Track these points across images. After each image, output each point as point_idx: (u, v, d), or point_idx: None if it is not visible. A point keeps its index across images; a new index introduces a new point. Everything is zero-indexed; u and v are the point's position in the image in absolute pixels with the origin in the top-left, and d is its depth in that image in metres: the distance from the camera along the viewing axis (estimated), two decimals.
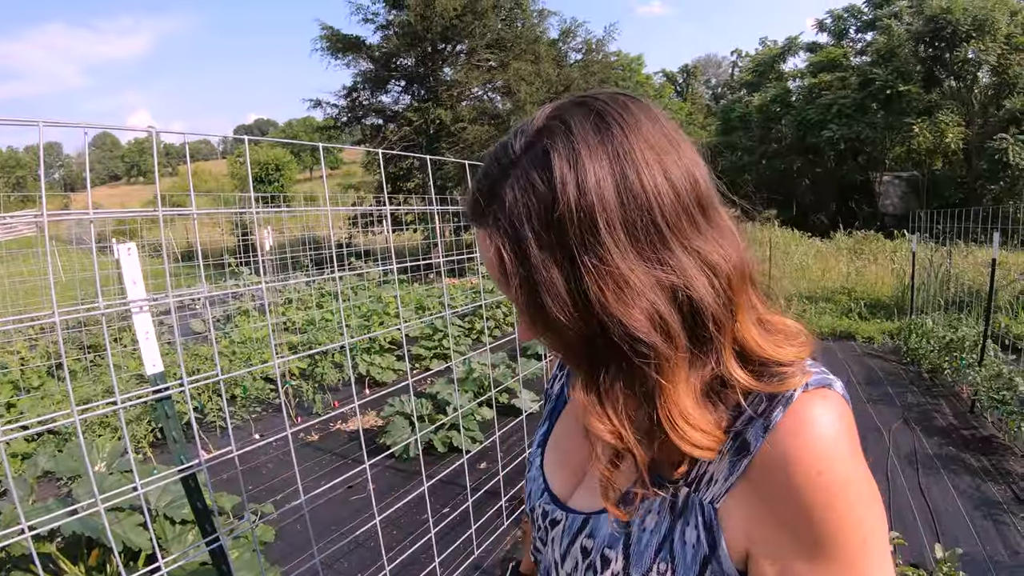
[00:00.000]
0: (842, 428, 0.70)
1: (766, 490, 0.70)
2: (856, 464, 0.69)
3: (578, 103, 0.74)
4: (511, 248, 0.72)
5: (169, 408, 1.70)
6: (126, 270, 1.65)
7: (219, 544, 1.76)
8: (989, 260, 6.67)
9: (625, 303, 0.68)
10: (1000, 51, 21.59)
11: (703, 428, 0.71)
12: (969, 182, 23.26)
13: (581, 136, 0.69)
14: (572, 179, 0.67)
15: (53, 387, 6.94)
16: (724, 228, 0.74)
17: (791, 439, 0.68)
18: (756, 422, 0.71)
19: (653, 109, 0.75)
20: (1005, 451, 5.11)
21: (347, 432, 6.11)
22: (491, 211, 0.74)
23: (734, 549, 0.72)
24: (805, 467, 0.67)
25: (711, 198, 0.74)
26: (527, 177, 0.70)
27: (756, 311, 0.77)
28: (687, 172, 0.71)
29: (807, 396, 0.71)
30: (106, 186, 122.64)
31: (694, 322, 0.70)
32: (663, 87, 54.79)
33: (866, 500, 0.69)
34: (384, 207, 3.07)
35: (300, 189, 63.43)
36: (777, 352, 0.74)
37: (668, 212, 0.69)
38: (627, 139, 0.69)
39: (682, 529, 0.76)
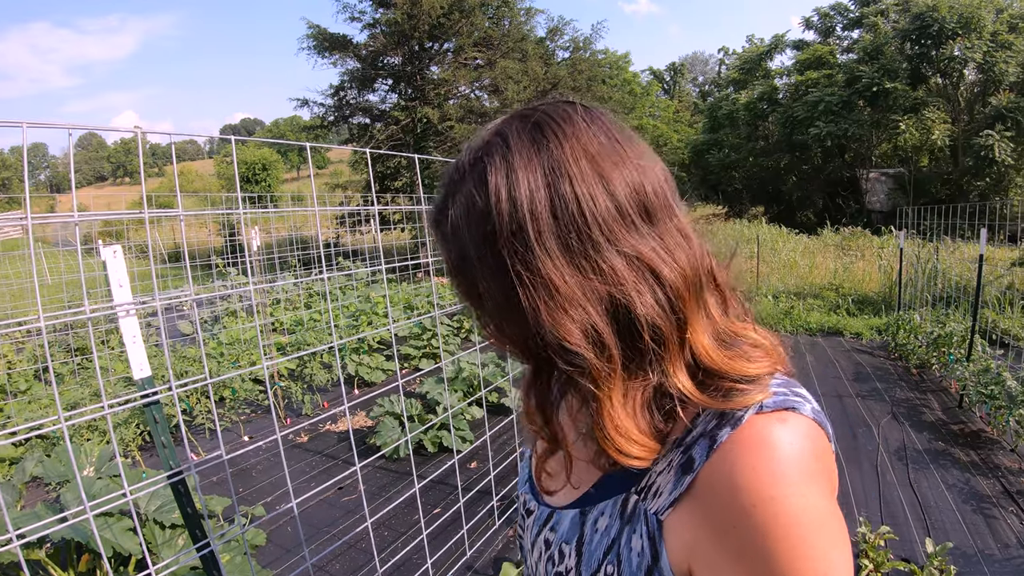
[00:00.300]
0: (798, 453, 0.66)
1: (709, 509, 0.68)
2: (813, 494, 0.65)
3: (520, 116, 0.75)
4: (456, 260, 0.75)
5: (158, 412, 1.68)
6: (112, 273, 1.63)
7: (210, 550, 1.75)
8: (975, 256, 6.71)
9: (557, 314, 0.68)
10: (986, 48, 21.67)
11: (634, 439, 0.71)
12: (955, 178, 23.39)
13: (517, 149, 0.70)
14: (505, 192, 0.68)
15: (40, 391, 6.90)
16: (675, 234, 0.73)
17: (733, 461, 0.66)
18: (703, 439, 0.70)
19: (599, 117, 0.75)
20: (993, 445, 5.14)
21: (336, 433, 6.09)
22: (443, 222, 0.76)
23: (676, 564, 0.71)
24: (747, 493, 0.64)
25: (661, 204, 0.73)
26: (469, 193, 0.72)
27: (714, 322, 0.75)
28: (630, 179, 0.70)
29: (759, 418, 0.68)
30: (92, 187, 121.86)
31: (631, 333, 0.70)
32: (650, 85, 54.84)
33: (823, 535, 0.64)
34: (372, 207, 3.05)
35: (287, 189, 63.32)
36: (733, 366, 0.72)
37: (603, 221, 0.68)
38: (563, 150, 0.69)
39: (629, 535, 0.76)
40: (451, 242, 0.75)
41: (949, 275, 9.01)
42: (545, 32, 23.12)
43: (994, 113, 21.41)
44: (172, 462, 1.68)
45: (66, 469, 3.62)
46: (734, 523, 0.65)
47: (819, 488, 0.65)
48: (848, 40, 30.57)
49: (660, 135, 41.53)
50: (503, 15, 21.40)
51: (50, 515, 2.92)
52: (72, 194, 1.63)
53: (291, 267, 14.83)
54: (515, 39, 20.96)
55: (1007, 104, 20.94)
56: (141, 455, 5.60)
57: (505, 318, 0.74)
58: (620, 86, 39.77)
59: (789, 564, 0.63)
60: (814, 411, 0.70)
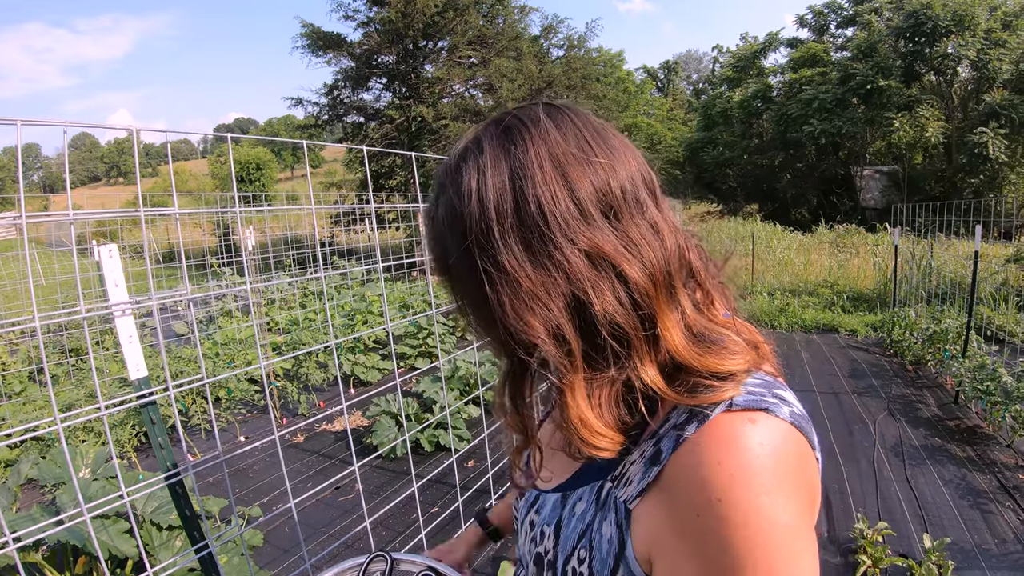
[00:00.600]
0: (760, 457, 0.65)
1: (672, 502, 0.69)
2: (777, 502, 0.63)
3: (496, 120, 0.79)
4: (439, 259, 0.80)
5: (154, 413, 1.67)
6: (108, 273, 1.62)
7: (209, 551, 1.74)
8: (970, 252, 6.72)
9: (521, 309, 0.71)
10: (979, 46, 21.72)
11: (597, 431, 0.73)
12: (949, 176, 23.43)
13: (489, 153, 0.74)
14: (476, 195, 0.72)
15: (35, 392, 6.87)
16: (645, 231, 0.74)
17: (698, 456, 0.67)
18: (672, 433, 0.72)
19: (570, 118, 0.77)
20: (989, 441, 5.15)
21: (333, 433, 6.07)
22: (430, 227, 0.81)
23: (640, 553, 0.73)
24: (707, 490, 0.64)
25: (629, 200, 0.74)
26: (448, 196, 0.76)
27: (688, 318, 0.75)
28: (594, 178, 0.72)
29: (727, 416, 0.68)
30: (86, 187, 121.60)
31: (592, 330, 0.72)
32: (644, 83, 54.80)
33: (781, 546, 0.63)
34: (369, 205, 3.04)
35: (281, 188, 63.27)
36: (703, 362, 0.72)
37: (563, 220, 0.70)
38: (528, 153, 0.72)
39: (600, 522, 0.78)
40: (437, 242, 0.79)
41: (944, 272, 9.03)
42: (539, 30, 23.09)
43: (988, 110, 21.45)
44: (169, 463, 1.67)
45: (62, 471, 3.60)
46: (693, 519, 0.65)
47: (786, 496, 0.64)
48: (842, 38, 30.62)
49: (654, 133, 41.50)
50: (497, 13, 21.38)
51: (46, 517, 2.91)
52: (67, 192, 1.62)
53: (286, 266, 14.80)
54: (509, 37, 20.94)
55: (1001, 101, 20.98)
56: (137, 456, 5.58)
57: (481, 314, 0.77)
58: (614, 84, 39.74)
59: (736, 568, 0.63)
60: (793, 415, 0.70)
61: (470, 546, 1.42)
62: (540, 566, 0.87)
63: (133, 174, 33.93)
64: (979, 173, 21.58)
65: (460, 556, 1.40)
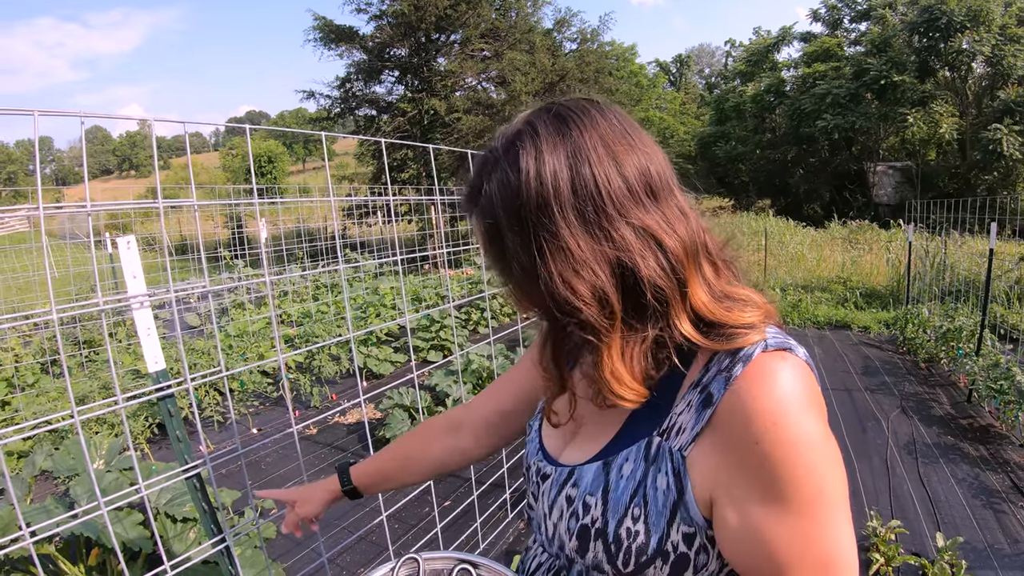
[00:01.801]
0: (798, 385, 0.78)
1: (728, 438, 0.79)
2: (812, 420, 0.76)
3: (546, 109, 0.88)
4: (489, 229, 0.88)
5: (172, 407, 1.67)
6: (126, 264, 1.62)
7: (226, 544, 1.74)
8: (983, 250, 6.69)
9: (569, 275, 0.80)
10: (994, 42, 21.60)
11: (625, 383, 0.84)
12: (963, 172, 23.32)
13: (545, 136, 0.83)
14: (534, 172, 0.81)
15: (48, 384, 6.90)
16: (675, 211, 0.85)
17: (748, 391, 0.77)
18: (720, 376, 0.81)
19: (611, 111, 0.87)
20: (1003, 440, 5.12)
21: (345, 425, 6.08)
22: (476, 197, 0.89)
23: (700, 496, 0.82)
24: (761, 417, 0.75)
25: (664, 184, 0.85)
26: (503, 172, 0.84)
27: (709, 283, 0.86)
28: (637, 163, 0.83)
29: (766, 355, 0.80)
30: (98, 180, 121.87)
31: (636, 292, 0.81)
32: (657, 77, 54.68)
33: (821, 454, 0.76)
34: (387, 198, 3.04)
35: (293, 181, 63.30)
36: (728, 316, 0.83)
37: (616, 196, 0.80)
38: (582, 137, 0.82)
39: (654, 476, 0.85)
40: (486, 214, 0.87)
41: (958, 269, 8.98)
42: (552, 24, 23.03)
43: (1002, 107, 21.35)
44: (188, 456, 1.68)
45: (75, 463, 3.62)
46: (750, 447, 0.76)
47: (817, 414, 0.77)
48: (856, 32, 30.46)
49: (666, 127, 41.37)
50: (510, 6, 21.30)
51: (60, 509, 2.92)
52: (85, 183, 1.62)
53: (298, 259, 14.84)
54: (522, 30, 20.88)
55: (1015, 98, 20.88)
56: (149, 447, 5.61)
57: (529, 279, 0.85)
58: (627, 78, 39.65)
59: (794, 481, 0.75)
60: (804, 354, 0.83)
61: (325, 502, 1.49)
62: (584, 539, 0.91)
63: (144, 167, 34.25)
64: (993, 170, 21.48)
65: (314, 508, 1.48)
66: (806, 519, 0.75)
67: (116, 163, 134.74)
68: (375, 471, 1.48)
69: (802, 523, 0.75)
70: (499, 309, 10.57)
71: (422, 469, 1.46)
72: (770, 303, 0.90)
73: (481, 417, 1.41)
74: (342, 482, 1.47)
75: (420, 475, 1.47)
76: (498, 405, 1.39)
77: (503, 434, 1.41)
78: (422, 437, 1.48)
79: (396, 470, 1.48)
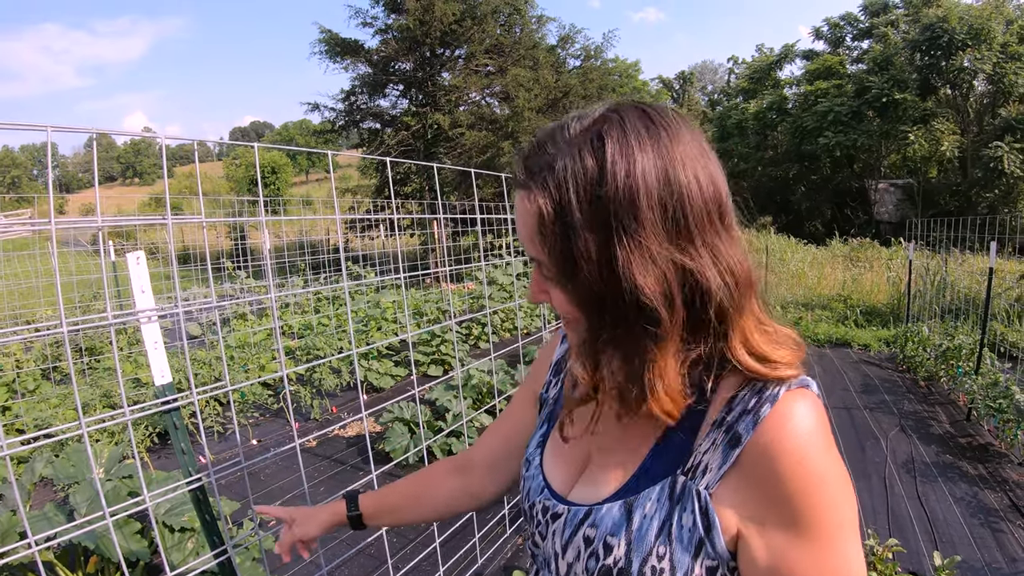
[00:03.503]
0: (818, 423, 0.80)
1: (754, 476, 0.80)
2: (831, 457, 0.79)
3: (633, 106, 0.84)
4: (553, 208, 0.82)
5: (177, 419, 1.70)
6: (135, 279, 1.64)
7: (227, 556, 1.76)
8: (984, 268, 6.70)
9: (644, 273, 0.78)
10: (995, 60, 21.68)
11: (674, 397, 0.83)
12: (964, 190, 23.34)
13: (634, 131, 0.80)
14: (622, 163, 0.78)
15: (49, 390, 6.91)
16: (737, 238, 0.85)
17: (775, 431, 0.79)
18: (747, 416, 0.81)
19: (690, 125, 0.85)
20: (1002, 459, 5.12)
21: (345, 438, 6.09)
22: (540, 174, 0.84)
23: (726, 530, 0.82)
24: (788, 456, 0.77)
25: (730, 209, 0.84)
26: (581, 153, 0.80)
27: (755, 315, 0.86)
28: (713, 180, 0.82)
29: (790, 394, 0.81)
30: (102, 187, 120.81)
31: (699, 305, 0.80)
32: (659, 93, 54.79)
33: (839, 488, 0.79)
34: (390, 213, 3.08)
35: (296, 192, 63.43)
36: (773, 351, 0.84)
37: (697, 208, 0.79)
38: (671, 142, 0.80)
39: (679, 515, 0.84)
40: (551, 195, 0.82)
41: (958, 287, 8.99)
42: (556, 40, 23.14)
43: (1003, 124, 21.42)
44: (192, 468, 1.70)
45: (75, 470, 3.63)
46: (778, 484, 0.78)
47: (833, 448, 0.80)
48: (858, 50, 30.62)
49: None
50: (515, 23, 21.42)
51: (60, 516, 2.94)
52: (96, 195, 1.64)
53: (300, 271, 14.85)
54: (526, 47, 20.99)
55: (1017, 115, 20.96)
56: (149, 456, 5.61)
57: (588, 271, 0.81)
58: (630, 94, 39.72)
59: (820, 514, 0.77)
60: (817, 386, 0.86)
61: (326, 525, 1.48)
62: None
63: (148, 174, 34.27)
64: (994, 187, 21.51)
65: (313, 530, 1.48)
66: (827, 549, 0.78)
67: (120, 170, 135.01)
68: (382, 502, 1.47)
69: (823, 553, 0.78)
70: (500, 324, 10.58)
71: (429, 507, 1.44)
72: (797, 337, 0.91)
73: (486, 456, 1.40)
74: (349, 507, 1.45)
75: (427, 514, 1.46)
76: (503, 442, 1.37)
77: (512, 472, 1.37)
78: (431, 476, 1.47)
79: (403, 506, 1.46)
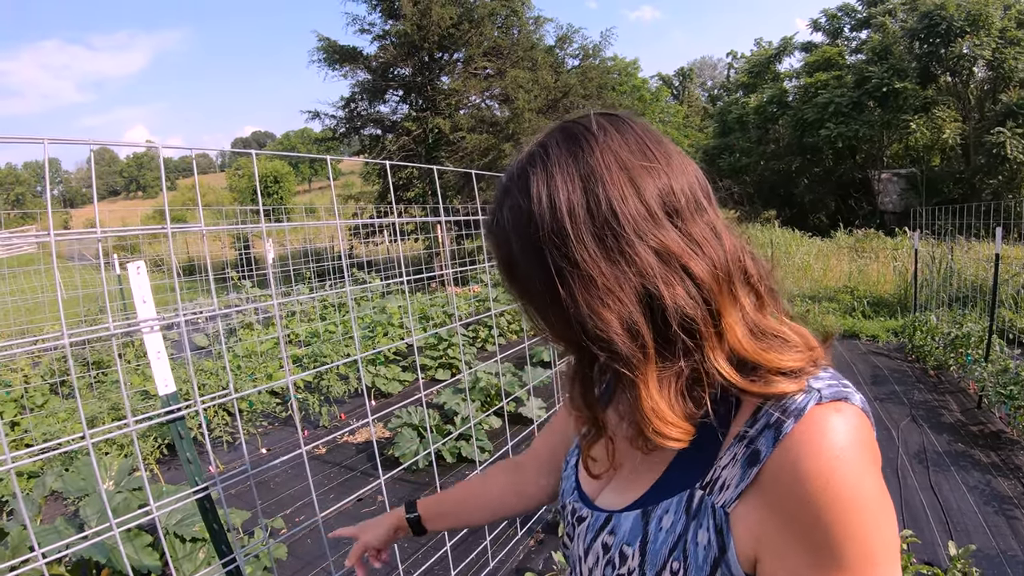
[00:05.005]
0: (854, 442, 0.71)
1: (775, 497, 0.73)
2: (867, 479, 0.70)
3: (560, 128, 0.83)
4: (505, 257, 0.84)
5: (183, 429, 1.69)
6: (136, 289, 1.64)
7: (236, 565, 1.75)
8: (990, 255, 6.66)
9: (595, 304, 0.74)
10: (995, 45, 21.60)
11: (669, 421, 0.76)
12: (967, 177, 23.26)
13: (556, 159, 0.78)
14: (546, 197, 0.76)
15: (57, 404, 6.92)
16: (706, 231, 0.78)
17: (799, 450, 0.71)
18: (768, 431, 0.74)
19: (630, 126, 0.82)
20: (1014, 446, 5.09)
21: (354, 445, 6.08)
22: (494, 227, 0.85)
23: (743, 553, 0.76)
24: (813, 478, 0.69)
25: (689, 202, 0.78)
26: (514, 199, 0.80)
27: (747, 316, 0.79)
28: (659, 182, 0.77)
29: (819, 408, 0.73)
30: (106, 201, 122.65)
31: (664, 322, 0.75)
32: (659, 91, 54.75)
33: (873, 514, 0.70)
34: (393, 218, 3.08)
35: (299, 201, 63.61)
36: (766, 358, 0.76)
37: (633, 219, 0.74)
38: (596, 157, 0.76)
39: (695, 530, 0.79)
40: (502, 245, 0.83)
41: (964, 275, 8.95)
42: (554, 40, 23.15)
43: (1005, 110, 21.36)
44: (198, 478, 1.69)
45: (86, 483, 3.63)
46: (800, 508, 0.70)
47: (872, 471, 0.71)
48: (856, 41, 30.55)
49: (671, 141, 41.46)
50: (512, 24, 21.44)
51: (70, 530, 2.94)
52: (95, 209, 1.64)
53: (305, 279, 14.87)
54: (524, 48, 21.01)
55: (1017, 101, 20.89)
56: (159, 468, 5.61)
57: (551, 310, 0.80)
58: (629, 92, 39.81)
59: (848, 543, 0.68)
60: (861, 400, 0.76)
61: (389, 530, 1.47)
62: None
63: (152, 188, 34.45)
64: (998, 174, 21.43)
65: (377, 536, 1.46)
66: None
67: (123, 184, 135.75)
68: (437, 504, 1.47)
69: None
70: (507, 327, 10.57)
71: (482, 507, 1.44)
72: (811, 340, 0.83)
73: (536, 456, 1.40)
74: (407, 510, 1.45)
75: (480, 514, 1.45)
76: (549, 443, 1.36)
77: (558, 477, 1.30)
78: (486, 474, 1.48)
79: (457, 507, 1.46)
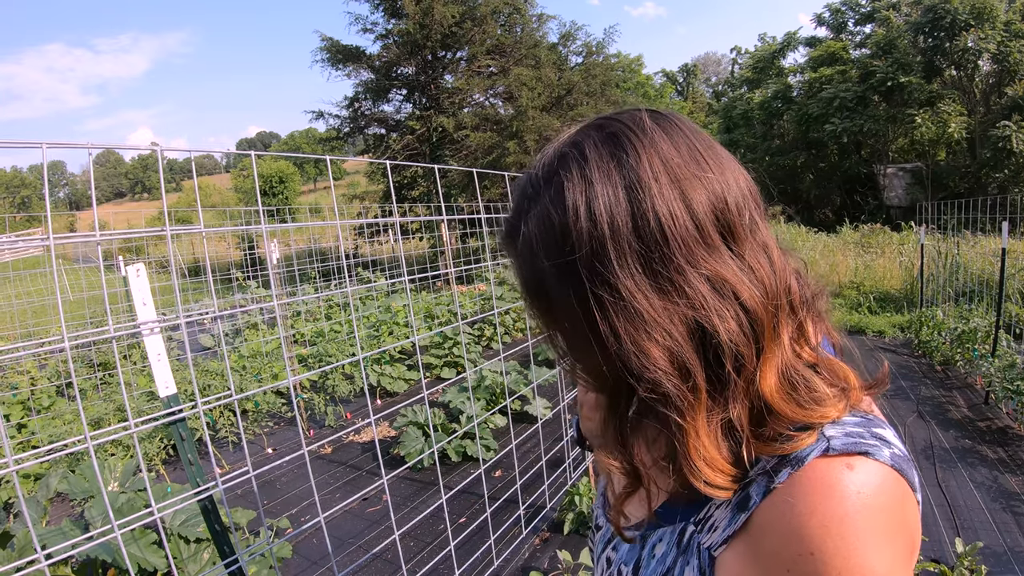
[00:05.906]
0: (862, 508, 0.59)
1: (760, 552, 0.64)
2: (872, 556, 0.58)
3: (596, 125, 0.71)
4: (531, 279, 0.71)
5: (184, 430, 1.69)
6: (136, 291, 1.64)
7: (238, 565, 1.75)
8: (997, 249, 6.64)
9: (640, 338, 0.64)
10: (1000, 38, 21.50)
11: (720, 468, 0.66)
12: (973, 171, 23.16)
13: (595, 163, 0.66)
14: (584, 209, 0.65)
15: (63, 407, 6.94)
16: (758, 254, 0.68)
17: (787, 505, 0.62)
18: (762, 478, 0.65)
19: (679, 125, 0.71)
20: (1021, 441, 5.07)
21: (360, 444, 6.09)
22: (515, 243, 0.73)
23: None
24: (798, 541, 0.60)
25: (744, 219, 0.68)
26: (544, 209, 0.68)
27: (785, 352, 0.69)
28: (711, 193, 0.66)
29: (823, 462, 0.62)
30: (111, 203, 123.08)
31: (716, 359, 0.65)
32: (663, 87, 54.72)
33: None
34: (395, 217, 3.08)
35: (304, 201, 63.65)
36: (789, 408, 0.67)
37: (685, 239, 0.64)
38: (641, 163, 0.65)
39: (682, 567, 0.73)
40: (525, 261, 0.71)
41: (971, 270, 8.92)
42: (558, 38, 23.11)
43: (1010, 104, 21.26)
44: (199, 479, 1.69)
45: (90, 485, 3.64)
46: (782, 573, 0.61)
47: (882, 546, 0.59)
48: (860, 35, 30.37)
49: None
50: (515, 22, 21.43)
51: (76, 531, 2.94)
52: (94, 212, 1.64)
53: (310, 279, 14.89)
54: (528, 46, 20.99)
55: (1023, 94, 20.76)
56: (165, 468, 5.62)
57: (583, 342, 0.69)
58: (634, 89, 39.75)
59: None
60: (893, 457, 0.63)
61: None
62: None
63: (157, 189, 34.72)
64: (1004, 168, 21.32)
65: None
66: None
67: (128, 186, 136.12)
68: None
69: None
70: (511, 325, 10.57)
71: None
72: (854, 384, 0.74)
73: None
74: None
75: None
76: None
77: None
78: None
79: None
